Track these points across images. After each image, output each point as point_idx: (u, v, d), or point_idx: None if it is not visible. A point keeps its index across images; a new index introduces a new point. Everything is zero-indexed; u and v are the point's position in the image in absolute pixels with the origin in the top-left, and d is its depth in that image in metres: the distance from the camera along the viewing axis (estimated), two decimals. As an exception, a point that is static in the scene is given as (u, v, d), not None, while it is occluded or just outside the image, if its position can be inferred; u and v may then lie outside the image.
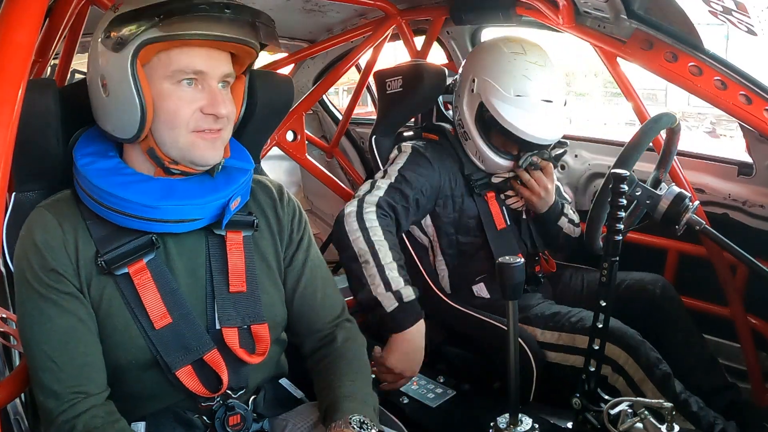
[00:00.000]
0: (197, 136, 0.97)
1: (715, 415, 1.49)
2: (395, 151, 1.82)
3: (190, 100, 0.96)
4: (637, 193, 1.39)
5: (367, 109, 4.94)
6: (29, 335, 0.95)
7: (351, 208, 1.59)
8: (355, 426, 0.98)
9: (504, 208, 1.85)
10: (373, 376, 1.61)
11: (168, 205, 0.98)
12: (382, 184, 1.66)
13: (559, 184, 2.08)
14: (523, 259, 1.07)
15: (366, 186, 1.68)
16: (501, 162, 1.78)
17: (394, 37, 2.49)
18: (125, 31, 0.91)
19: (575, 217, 1.95)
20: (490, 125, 1.73)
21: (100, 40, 0.95)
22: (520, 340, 1.60)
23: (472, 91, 1.75)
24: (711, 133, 7.55)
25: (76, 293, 0.96)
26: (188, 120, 0.96)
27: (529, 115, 1.67)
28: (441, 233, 1.81)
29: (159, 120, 0.96)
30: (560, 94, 1.73)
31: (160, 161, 1.00)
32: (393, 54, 3.11)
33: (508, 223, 1.84)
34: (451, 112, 1.93)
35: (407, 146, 1.80)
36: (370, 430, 0.99)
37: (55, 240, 0.96)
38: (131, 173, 1.00)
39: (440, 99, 2.02)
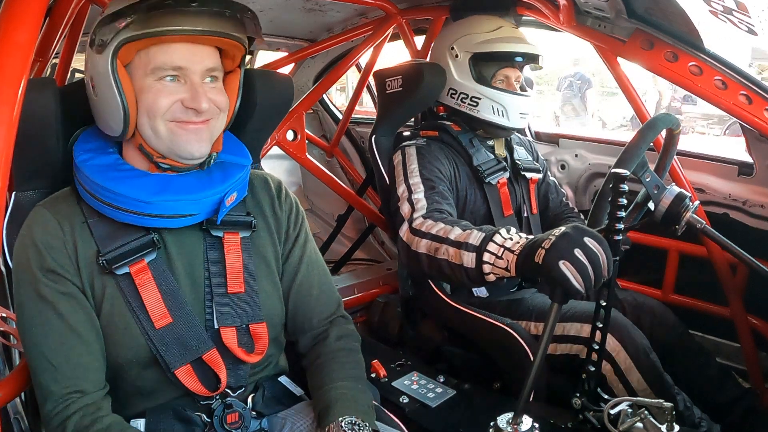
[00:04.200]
0: (177, 126, 0.97)
1: (701, 416, 1.49)
2: (398, 155, 1.82)
3: (170, 92, 0.96)
4: (647, 179, 1.38)
5: (366, 109, 4.93)
6: (28, 337, 0.95)
7: (404, 231, 1.57)
8: (347, 428, 0.98)
9: (513, 196, 1.86)
10: (373, 375, 1.63)
11: (162, 200, 0.98)
12: (418, 196, 1.65)
13: (555, 180, 2.09)
14: None
15: (406, 207, 1.64)
16: (517, 100, 1.81)
17: (394, 37, 2.49)
18: (105, 32, 0.92)
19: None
20: (486, 68, 1.83)
21: (88, 43, 0.97)
22: (517, 336, 1.61)
23: (456, 57, 1.86)
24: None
25: (76, 293, 0.97)
26: (166, 110, 0.96)
27: (510, 36, 1.83)
28: None
29: (141, 114, 0.97)
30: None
31: (150, 156, 1.01)
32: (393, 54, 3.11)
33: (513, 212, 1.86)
34: (442, 114, 1.94)
35: (410, 146, 1.81)
36: (362, 431, 0.99)
37: (55, 239, 0.96)
38: (128, 169, 1.01)
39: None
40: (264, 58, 3.22)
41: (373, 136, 2.04)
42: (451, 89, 1.87)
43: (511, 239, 1.27)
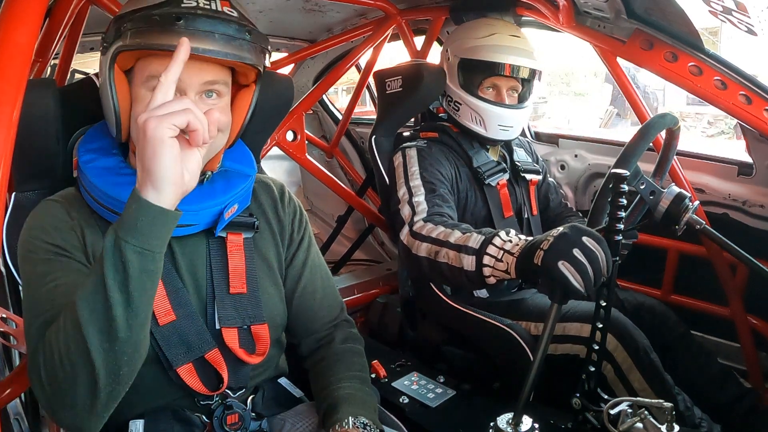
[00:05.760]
0: None
1: (701, 416, 1.49)
2: (399, 157, 1.81)
3: None
4: (642, 187, 1.39)
5: (366, 109, 4.94)
6: (33, 298, 0.89)
7: (404, 234, 1.56)
8: (359, 427, 0.98)
9: (513, 197, 1.86)
10: (373, 375, 1.63)
11: None
12: (419, 199, 1.64)
13: (554, 180, 2.09)
14: None
15: (406, 210, 1.63)
16: (497, 111, 1.79)
17: (394, 37, 2.49)
18: (109, 35, 0.94)
19: None
20: (472, 75, 1.81)
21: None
22: (517, 336, 1.61)
23: (448, 60, 1.86)
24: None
25: (84, 261, 0.94)
26: None
27: (500, 45, 1.78)
28: None
29: (133, 123, 0.96)
30: (525, 37, 1.85)
31: None
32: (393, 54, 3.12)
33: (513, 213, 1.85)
34: (442, 115, 1.94)
35: (410, 148, 1.80)
36: (373, 431, 0.99)
37: (62, 223, 0.96)
38: (129, 173, 1.00)
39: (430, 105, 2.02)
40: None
41: (373, 137, 2.04)
42: (445, 94, 1.88)
43: (510, 241, 1.27)
